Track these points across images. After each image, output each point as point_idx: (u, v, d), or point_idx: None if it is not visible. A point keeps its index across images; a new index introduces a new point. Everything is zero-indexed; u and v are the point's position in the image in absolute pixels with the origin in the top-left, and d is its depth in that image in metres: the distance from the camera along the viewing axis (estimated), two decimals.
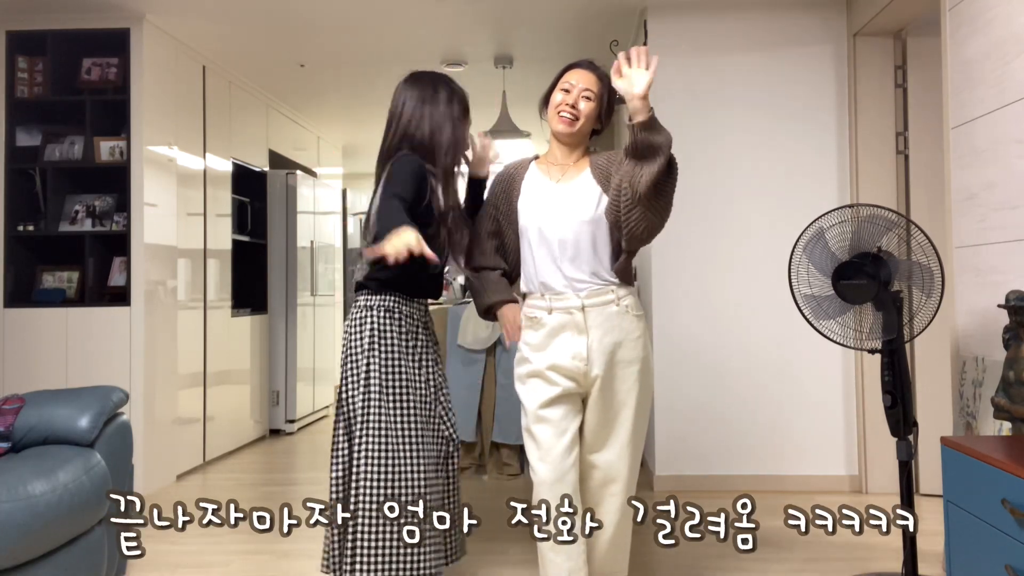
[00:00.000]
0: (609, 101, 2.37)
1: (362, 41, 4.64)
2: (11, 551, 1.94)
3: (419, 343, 2.45)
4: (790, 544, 3.15)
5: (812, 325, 2.51)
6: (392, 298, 2.39)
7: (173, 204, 4.34)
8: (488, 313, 2.49)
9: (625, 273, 2.36)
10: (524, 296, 2.41)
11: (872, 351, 2.45)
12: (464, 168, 2.53)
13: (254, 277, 5.71)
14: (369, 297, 2.40)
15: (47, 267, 4.21)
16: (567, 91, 2.33)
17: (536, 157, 2.48)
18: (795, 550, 3.08)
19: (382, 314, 2.37)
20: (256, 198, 5.67)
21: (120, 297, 4.10)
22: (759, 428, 3.97)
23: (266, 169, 5.76)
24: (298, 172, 5.91)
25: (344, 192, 7.57)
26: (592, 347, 2.25)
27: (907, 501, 2.40)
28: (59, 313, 4.03)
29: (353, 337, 2.37)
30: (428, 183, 2.31)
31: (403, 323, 2.40)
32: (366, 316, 2.37)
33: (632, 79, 2.15)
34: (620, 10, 4.18)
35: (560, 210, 2.30)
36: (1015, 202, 2.43)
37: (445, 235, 2.40)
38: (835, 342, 2.50)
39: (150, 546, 3.21)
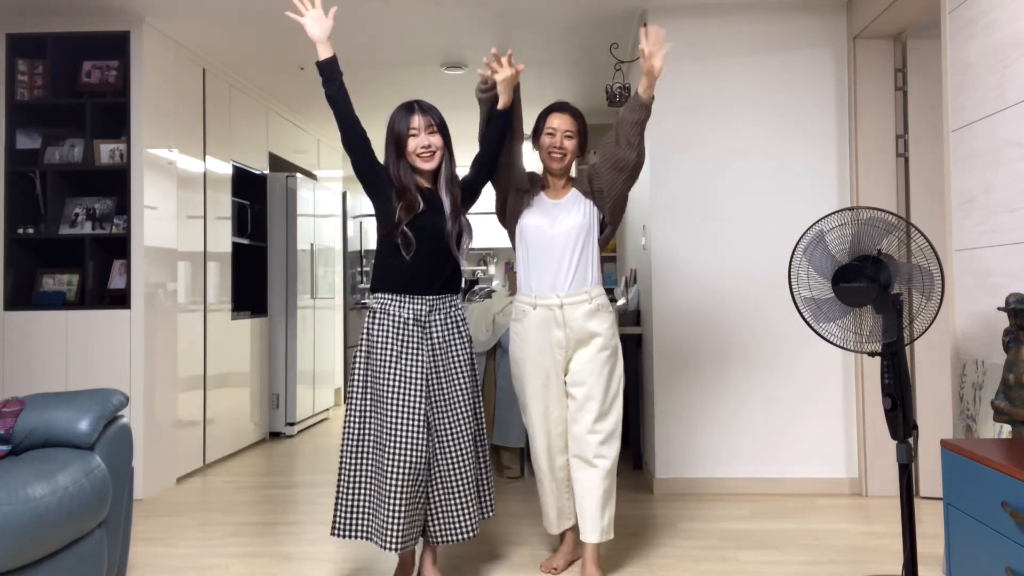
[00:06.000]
0: (584, 133, 2.86)
1: (362, 44, 4.64)
2: (11, 554, 1.94)
3: (410, 341, 2.63)
4: (790, 547, 3.15)
5: (812, 328, 2.51)
6: (381, 297, 2.67)
7: (173, 207, 4.34)
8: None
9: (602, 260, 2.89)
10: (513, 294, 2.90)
11: (872, 354, 2.45)
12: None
13: (254, 280, 5.72)
14: (369, 297, 2.70)
15: (47, 270, 4.21)
16: (552, 135, 2.81)
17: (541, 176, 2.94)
18: (795, 553, 3.07)
19: (368, 316, 2.67)
20: (256, 201, 5.67)
21: (120, 300, 4.11)
22: (759, 431, 3.97)
23: (266, 172, 5.76)
24: (298, 175, 5.91)
25: (344, 195, 7.57)
26: (570, 337, 2.75)
27: (907, 504, 2.40)
28: (59, 316, 4.03)
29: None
30: (380, 175, 2.68)
31: (386, 323, 2.63)
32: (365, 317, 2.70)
33: (654, 63, 2.63)
34: (620, 13, 4.18)
35: (559, 220, 2.79)
36: (1015, 205, 2.43)
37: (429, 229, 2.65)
38: (835, 345, 2.50)
39: (149, 549, 3.22)
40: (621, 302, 4.99)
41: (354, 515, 2.63)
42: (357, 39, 4.54)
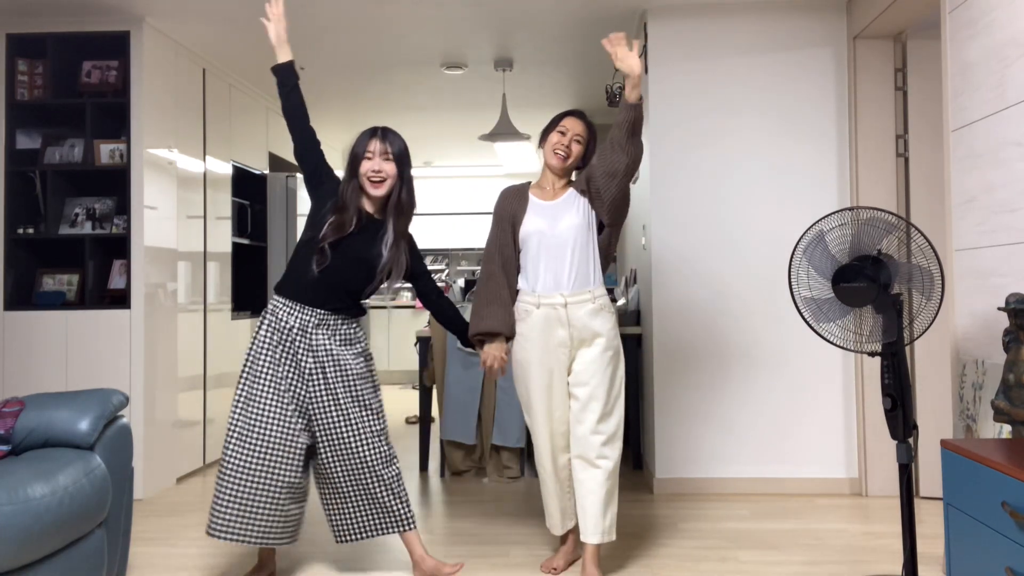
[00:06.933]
0: (592, 145, 2.89)
1: (362, 44, 4.64)
2: (11, 554, 1.94)
3: (294, 349, 2.66)
4: (790, 547, 3.15)
5: (812, 328, 2.51)
6: (276, 301, 2.71)
7: (173, 207, 4.34)
8: (476, 338, 2.88)
9: (606, 257, 2.88)
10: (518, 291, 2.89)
11: (872, 354, 2.45)
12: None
13: (254, 280, 5.71)
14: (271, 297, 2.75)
15: (47, 270, 4.21)
16: (563, 134, 2.85)
17: (529, 184, 2.99)
18: (795, 553, 3.07)
19: (262, 316, 2.71)
20: (256, 201, 5.67)
21: (120, 300, 4.11)
22: (759, 431, 3.97)
23: (266, 172, 5.76)
24: (298, 175, 5.90)
25: None
26: (573, 336, 2.76)
27: (907, 504, 2.40)
28: (59, 316, 4.03)
29: None
30: (323, 184, 2.76)
31: (273, 326, 2.67)
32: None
33: (630, 63, 2.60)
34: (620, 13, 4.18)
35: (557, 221, 2.81)
36: (1015, 205, 2.44)
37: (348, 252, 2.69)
38: (835, 345, 2.50)
39: (149, 549, 3.22)
40: (621, 302, 4.99)
41: (232, 515, 2.64)
42: (357, 39, 4.55)
